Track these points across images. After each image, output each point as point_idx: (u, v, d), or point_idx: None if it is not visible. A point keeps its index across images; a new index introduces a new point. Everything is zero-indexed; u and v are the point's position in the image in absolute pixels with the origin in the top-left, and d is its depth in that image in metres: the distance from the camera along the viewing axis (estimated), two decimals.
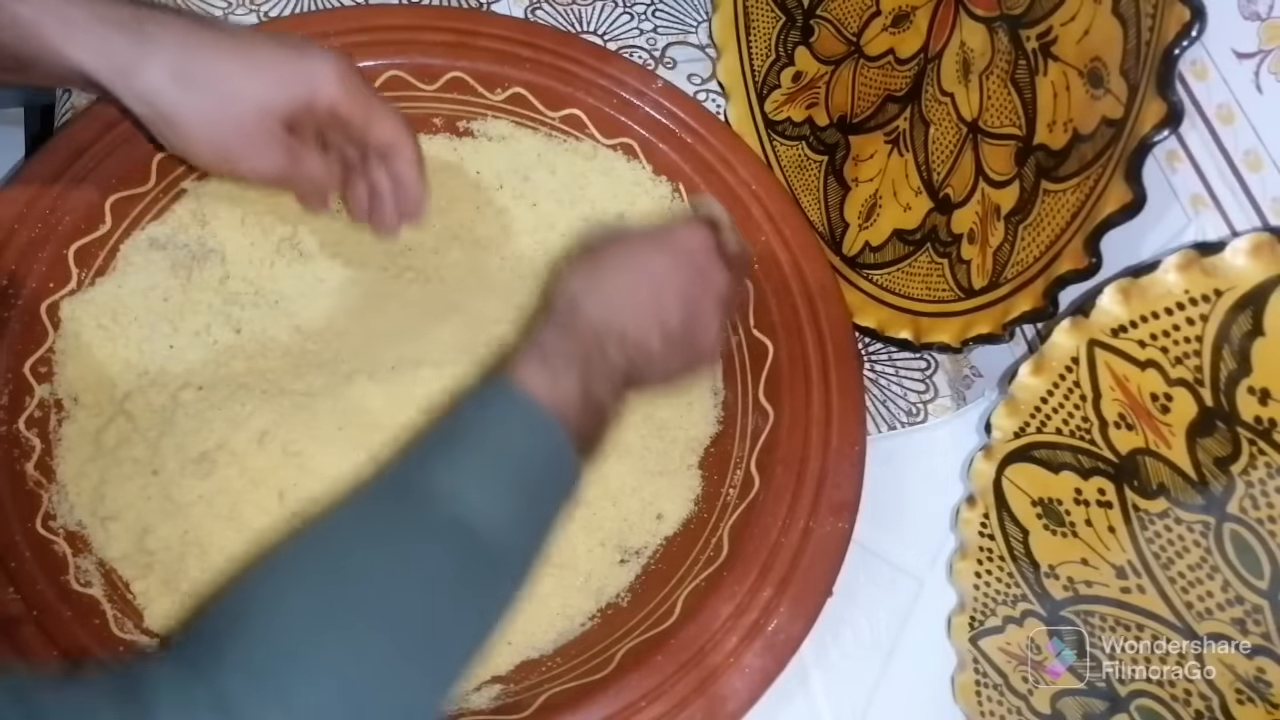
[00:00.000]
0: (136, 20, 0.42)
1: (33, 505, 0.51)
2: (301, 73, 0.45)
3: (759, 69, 0.70)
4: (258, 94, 0.44)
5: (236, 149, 0.44)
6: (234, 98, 0.44)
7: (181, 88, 0.42)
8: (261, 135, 0.44)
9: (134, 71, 0.42)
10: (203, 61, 0.43)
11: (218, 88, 0.43)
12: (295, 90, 0.45)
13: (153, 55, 0.42)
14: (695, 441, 0.60)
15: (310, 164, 0.48)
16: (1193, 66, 0.46)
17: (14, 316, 0.54)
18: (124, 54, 0.42)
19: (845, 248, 0.66)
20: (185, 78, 0.42)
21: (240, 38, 0.45)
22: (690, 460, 0.60)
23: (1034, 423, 0.50)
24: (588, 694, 0.50)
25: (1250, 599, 0.42)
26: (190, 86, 0.42)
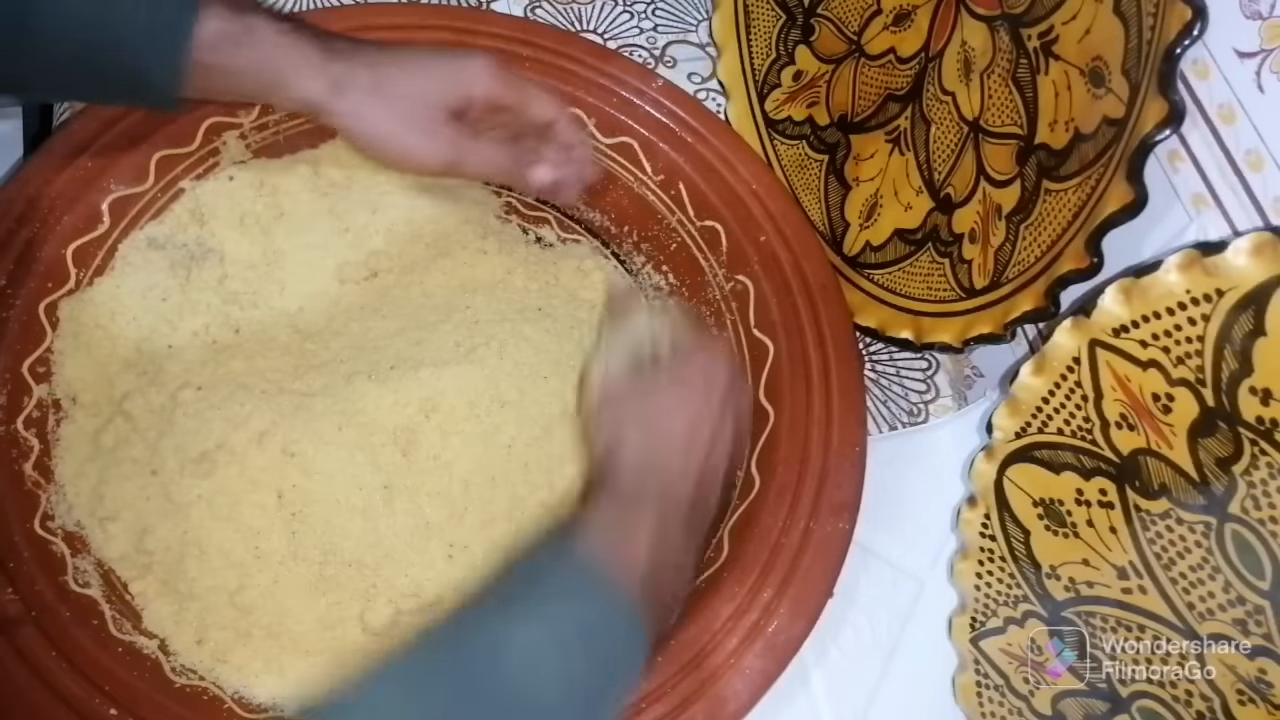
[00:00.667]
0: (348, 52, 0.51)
1: (31, 506, 0.51)
2: (458, 71, 0.52)
3: (759, 68, 0.70)
4: (423, 93, 0.51)
5: (411, 141, 0.51)
6: (410, 101, 0.51)
7: (376, 101, 0.50)
8: (429, 126, 0.51)
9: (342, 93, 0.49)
10: (388, 81, 0.51)
11: (399, 96, 0.51)
12: (454, 85, 0.52)
13: (354, 84, 0.50)
14: None
15: (476, 149, 0.52)
16: (1194, 66, 0.46)
17: (12, 316, 0.53)
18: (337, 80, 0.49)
19: (846, 247, 0.65)
20: (378, 95, 0.50)
21: (412, 54, 0.52)
22: None
23: (1035, 423, 0.50)
24: None
25: (1251, 599, 0.42)
26: (380, 95, 0.50)
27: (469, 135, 0.52)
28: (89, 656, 0.47)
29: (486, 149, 0.53)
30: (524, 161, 0.54)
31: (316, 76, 0.49)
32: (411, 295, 0.60)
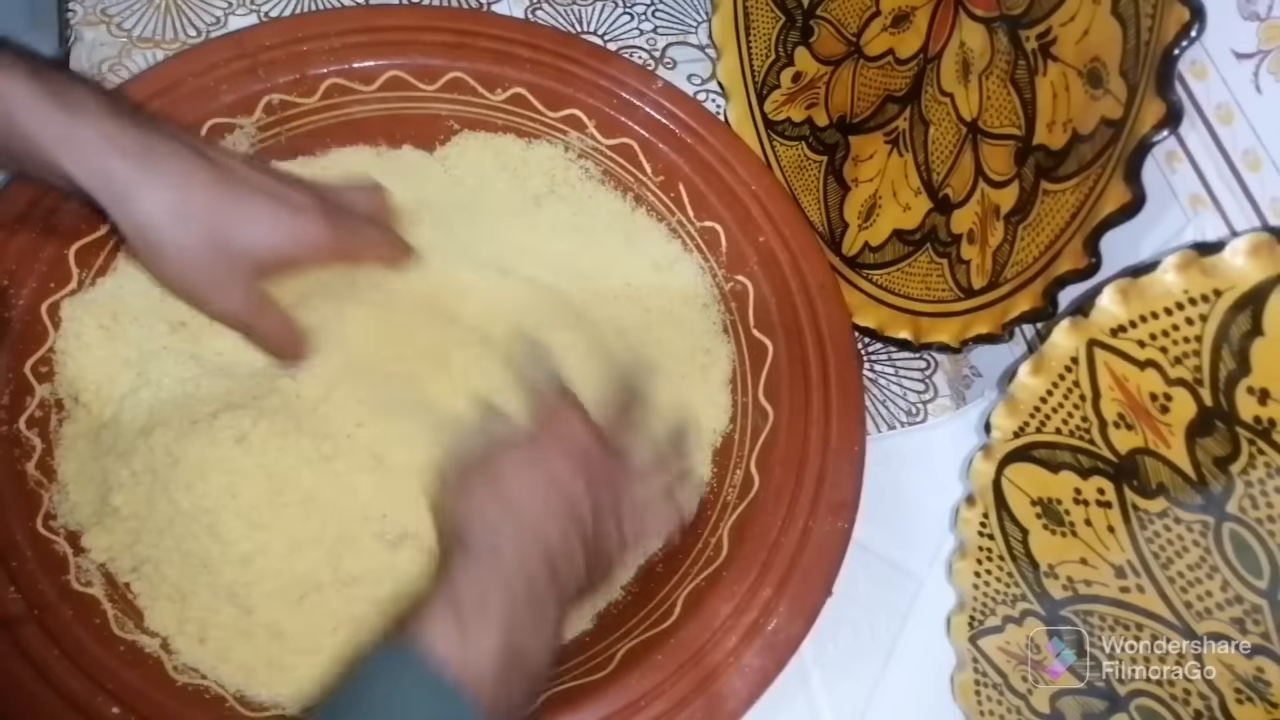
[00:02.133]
0: (142, 148, 0.43)
1: (33, 505, 0.51)
2: (290, 230, 0.47)
3: (759, 69, 0.70)
4: (245, 241, 0.46)
5: (209, 287, 0.46)
6: (223, 242, 0.45)
7: (175, 223, 0.44)
8: (238, 279, 0.46)
9: (130, 200, 0.43)
10: (198, 201, 0.44)
11: (208, 228, 0.45)
12: (287, 245, 0.47)
13: (152, 187, 0.43)
14: (712, 434, 0.60)
15: (273, 318, 0.49)
16: (1192, 66, 0.46)
17: (15, 316, 0.54)
18: (123, 182, 0.43)
19: (845, 248, 0.66)
20: (180, 214, 0.44)
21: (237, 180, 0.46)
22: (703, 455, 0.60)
23: (1033, 422, 0.50)
24: (588, 694, 0.50)
25: (1249, 599, 0.42)
26: (182, 223, 0.44)
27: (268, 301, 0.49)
28: (91, 655, 0.47)
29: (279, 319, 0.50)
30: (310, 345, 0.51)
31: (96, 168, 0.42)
32: (417, 291, 0.60)
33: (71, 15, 0.67)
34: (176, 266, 0.45)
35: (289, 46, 0.63)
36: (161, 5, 0.69)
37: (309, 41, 0.63)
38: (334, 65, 0.63)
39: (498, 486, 0.43)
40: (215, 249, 0.45)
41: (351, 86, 0.64)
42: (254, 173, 0.48)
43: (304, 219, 0.47)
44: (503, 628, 0.38)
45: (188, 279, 0.46)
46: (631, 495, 0.48)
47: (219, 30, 0.69)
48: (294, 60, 0.63)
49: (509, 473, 0.44)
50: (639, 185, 0.66)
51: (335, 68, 0.63)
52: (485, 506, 0.43)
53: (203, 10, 0.69)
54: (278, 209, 0.47)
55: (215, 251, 0.45)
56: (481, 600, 0.39)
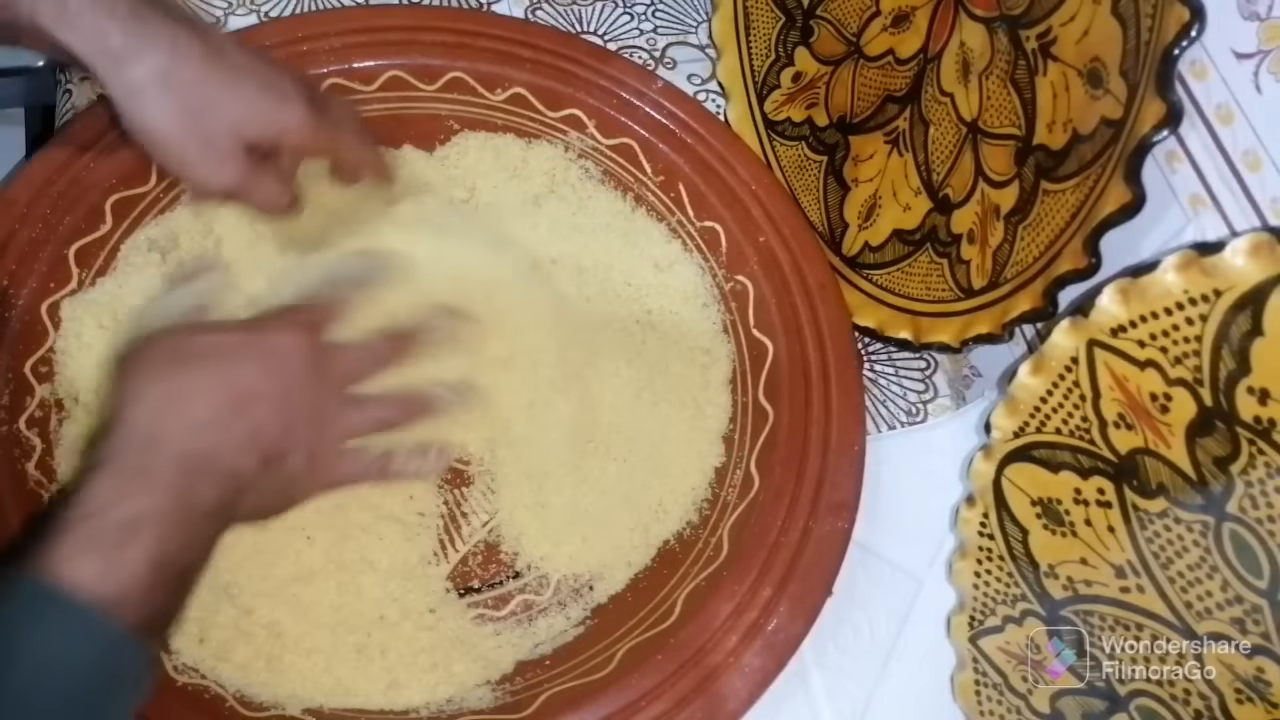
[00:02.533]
0: (134, 14, 0.43)
1: (34, 505, 0.51)
2: (277, 111, 0.47)
3: (759, 69, 0.70)
4: (231, 115, 0.46)
5: (195, 156, 0.46)
6: (208, 112, 0.45)
7: (163, 89, 0.44)
8: (223, 151, 0.46)
9: (123, 64, 0.43)
10: (189, 69, 0.44)
11: (196, 98, 0.45)
12: (268, 125, 0.47)
13: (143, 52, 0.43)
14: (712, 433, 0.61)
15: (265, 185, 0.49)
16: (1192, 66, 0.46)
17: (14, 316, 0.54)
18: (116, 45, 0.43)
19: (845, 248, 0.66)
20: (169, 81, 0.44)
21: (228, 56, 0.47)
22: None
23: (1033, 422, 0.50)
24: (588, 694, 0.50)
25: (1249, 599, 0.43)
26: (171, 90, 0.44)
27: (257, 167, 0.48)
28: None
29: (271, 185, 0.49)
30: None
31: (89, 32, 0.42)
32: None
33: None
34: (161, 134, 0.45)
35: (289, 46, 0.63)
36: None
37: (309, 41, 0.63)
38: (334, 65, 0.63)
39: (170, 380, 0.40)
40: (204, 117, 0.45)
41: (352, 86, 0.64)
42: (245, 53, 0.48)
43: (291, 105, 0.48)
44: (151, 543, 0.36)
45: (175, 143, 0.46)
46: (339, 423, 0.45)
47: (218, 30, 0.69)
48: (294, 60, 0.63)
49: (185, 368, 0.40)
50: (639, 185, 0.66)
51: (335, 68, 0.63)
52: (145, 394, 0.39)
53: (203, 11, 0.69)
54: (266, 90, 0.47)
55: (203, 119, 0.45)
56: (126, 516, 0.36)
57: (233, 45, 0.48)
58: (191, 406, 0.40)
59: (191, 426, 0.39)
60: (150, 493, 0.37)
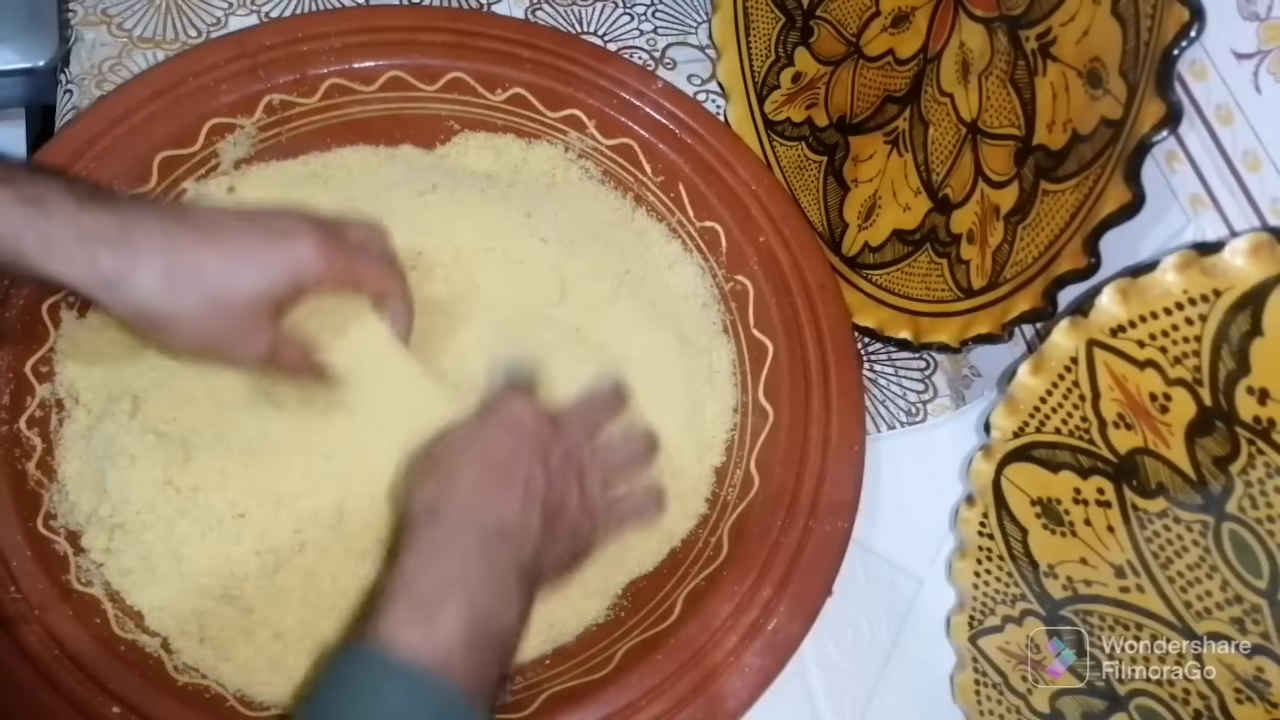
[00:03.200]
0: (120, 231, 0.42)
1: (34, 505, 0.51)
2: (286, 259, 0.45)
3: (759, 69, 0.70)
4: (248, 286, 0.45)
5: (224, 341, 0.45)
6: (226, 293, 0.44)
7: (173, 292, 0.43)
8: (250, 325, 0.45)
9: (122, 284, 0.42)
10: (189, 262, 0.43)
11: (208, 287, 0.44)
12: (283, 277, 0.45)
13: (139, 266, 0.42)
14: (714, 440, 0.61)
15: (288, 349, 0.48)
16: (1192, 67, 0.46)
17: (15, 316, 0.54)
18: (110, 269, 0.42)
19: (845, 248, 0.66)
20: (175, 282, 0.43)
21: (219, 229, 0.45)
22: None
23: (1033, 422, 0.50)
24: (588, 693, 0.50)
25: (1249, 598, 0.43)
26: (181, 290, 0.43)
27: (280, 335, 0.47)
28: (92, 655, 0.47)
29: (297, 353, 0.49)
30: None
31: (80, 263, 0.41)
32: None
33: (72, 15, 0.67)
34: (185, 334, 0.44)
35: (289, 47, 0.63)
36: (162, 5, 0.69)
37: (309, 42, 0.63)
38: (334, 65, 0.63)
39: (442, 471, 0.44)
40: (216, 305, 0.44)
41: (352, 87, 0.64)
42: (232, 216, 0.47)
43: (298, 243, 0.46)
44: (462, 606, 0.38)
45: (201, 342, 0.45)
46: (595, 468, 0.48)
47: (219, 30, 0.69)
48: (294, 60, 0.63)
49: (450, 458, 0.44)
50: (639, 185, 0.67)
51: (335, 68, 0.64)
52: (424, 488, 0.43)
53: (203, 10, 0.69)
54: (267, 241, 0.46)
55: (217, 308, 0.44)
56: (435, 582, 0.39)
57: (221, 214, 0.47)
58: (464, 483, 0.43)
59: (471, 498, 0.42)
60: (452, 557, 0.40)
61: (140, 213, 0.44)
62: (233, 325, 0.45)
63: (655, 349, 0.61)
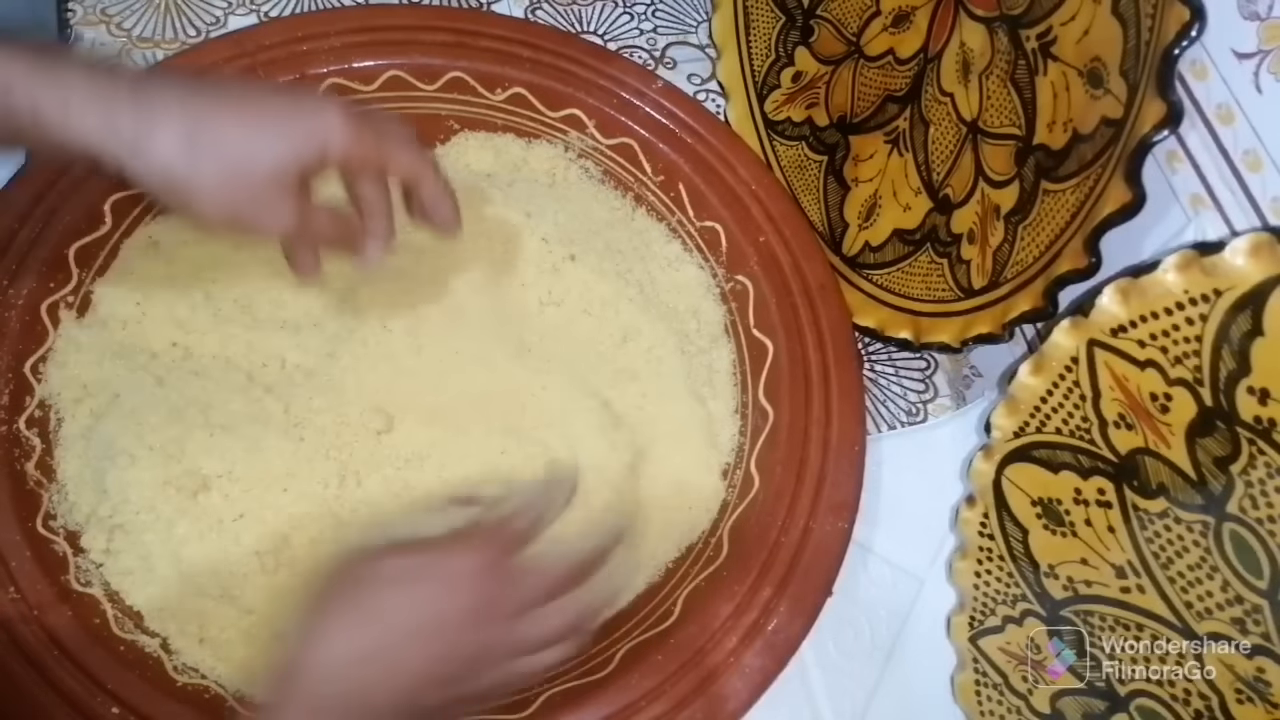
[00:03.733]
0: (136, 90, 0.41)
1: (33, 505, 0.51)
2: (311, 128, 0.44)
3: (759, 69, 0.70)
4: (271, 155, 0.43)
5: (248, 211, 0.43)
6: (247, 161, 0.42)
7: (194, 156, 0.41)
8: (275, 195, 0.43)
9: (143, 145, 0.40)
10: (210, 126, 0.42)
11: (230, 152, 0.42)
12: (308, 147, 0.43)
13: (160, 127, 0.40)
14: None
15: (319, 220, 0.46)
16: (1192, 66, 0.46)
17: (14, 316, 0.54)
18: (130, 128, 0.40)
19: (845, 248, 0.66)
20: (196, 146, 0.41)
21: (242, 96, 0.44)
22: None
23: (1033, 422, 0.50)
24: (588, 694, 0.50)
25: (1250, 599, 0.42)
26: (202, 154, 0.41)
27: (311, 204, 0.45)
28: (91, 655, 0.47)
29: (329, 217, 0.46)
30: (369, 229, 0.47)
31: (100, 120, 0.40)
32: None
33: (71, 15, 0.67)
34: (209, 202, 0.42)
35: (288, 46, 0.63)
36: (161, 5, 0.69)
37: (308, 41, 0.63)
38: (334, 65, 0.63)
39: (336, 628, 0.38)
40: (239, 172, 0.42)
41: (351, 86, 0.64)
42: (257, 87, 0.45)
43: (324, 114, 0.44)
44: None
45: (225, 210, 0.43)
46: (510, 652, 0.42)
47: (218, 30, 0.69)
48: (293, 60, 0.63)
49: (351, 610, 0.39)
50: (639, 185, 0.66)
51: (335, 68, 0.63)
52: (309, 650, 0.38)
53: (202, 10, 0.69)
54: (294, 113, 0.44)
55: (240, 175, 0.42)
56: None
57: (241, 85, 0.46)
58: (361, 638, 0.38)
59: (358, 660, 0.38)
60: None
61: (157, 79, 0.42)
62: (257, 195, 0.43)
63: (655, 349, 0.61)
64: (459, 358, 0.57)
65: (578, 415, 0.57)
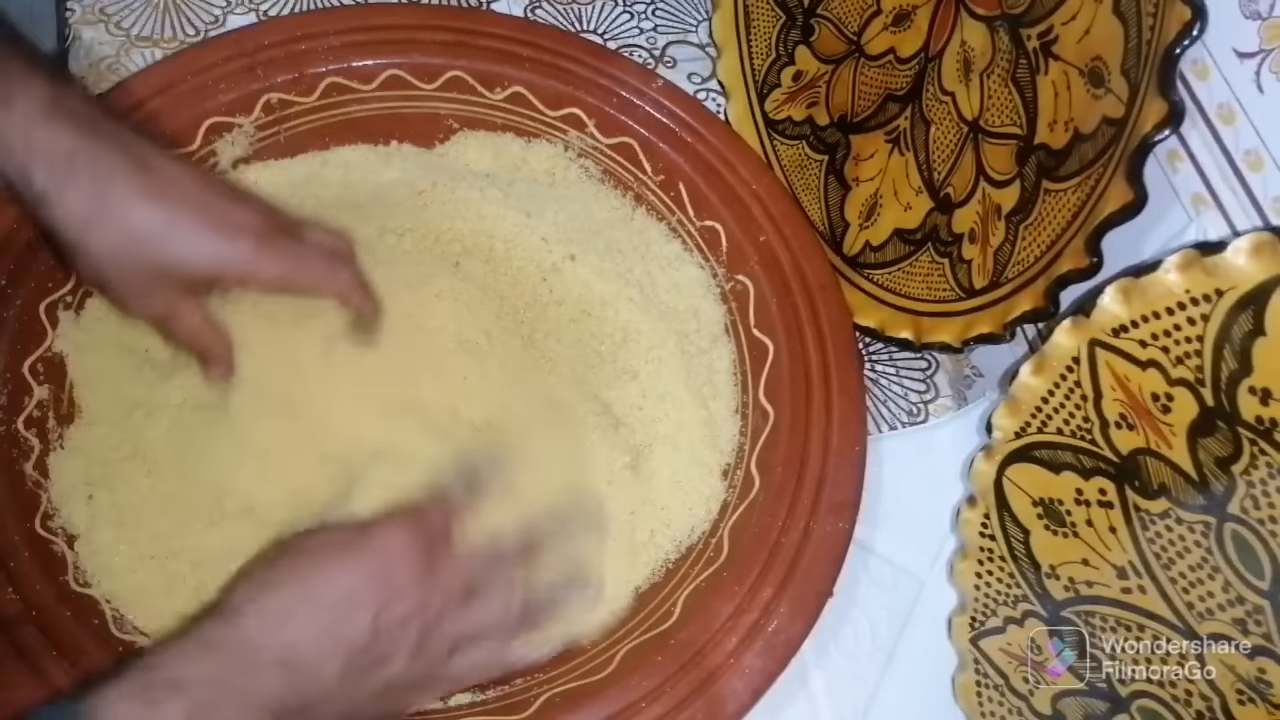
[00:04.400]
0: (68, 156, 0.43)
1: (32, 505, 0.51)
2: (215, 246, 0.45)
3: (759, 68, 0.70)
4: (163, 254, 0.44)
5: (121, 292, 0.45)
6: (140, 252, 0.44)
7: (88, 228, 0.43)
8: (151, 286, 0.45)
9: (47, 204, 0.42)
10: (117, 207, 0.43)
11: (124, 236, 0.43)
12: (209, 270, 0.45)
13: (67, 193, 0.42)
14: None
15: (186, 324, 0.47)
16: (1194, 66, 0.46)
17: (13, 316, 0.53)
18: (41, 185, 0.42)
19: (846, 247, 0.66)
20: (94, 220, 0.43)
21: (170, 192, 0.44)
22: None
23: (1035, 423, 0.50)
24: (588, 694, 0.50)
25: (1251, 599, 0.42)
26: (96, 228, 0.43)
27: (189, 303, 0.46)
28: (90, 656, 0.47)
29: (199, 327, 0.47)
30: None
31: (36, 155, 0.42)
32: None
33: (70, 14, 0.67)
34: (89, 268, 0.45)
35: (288, 45, 0.63)
36: (160, 4, 0.69)
37: (308, 40, 0.63)
38: (333, 64, 0.63)
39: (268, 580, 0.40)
40: (130, 257, 0.44)
41: (350, 85, 0.64)
42: (197, 185, 0.46)
43: (240, 243, 0.45)
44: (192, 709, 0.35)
45: (100, 281, 0.45)
46: (439, 639, 0.42)
47: (217, 29, 0.69)
48: (293, 59, 0.63)
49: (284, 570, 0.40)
50: (639, 185, 0.66)
51: (334, 66, 0.63)
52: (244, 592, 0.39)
53: (201, 9, 0.69)
54: (211, 227, 0.45)
55: (130, 259, 0.44)
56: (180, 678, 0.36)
57: (186, 177, 0.46)
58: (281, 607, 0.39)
59: (274, 616, 0.39)
60: (208, 662, 0.37)
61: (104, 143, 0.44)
62: (137, 281, 0.45)
63: (655, 349, 0.60)
64: (459, 358, 0.57)
65: (577, 415, 0.57)
